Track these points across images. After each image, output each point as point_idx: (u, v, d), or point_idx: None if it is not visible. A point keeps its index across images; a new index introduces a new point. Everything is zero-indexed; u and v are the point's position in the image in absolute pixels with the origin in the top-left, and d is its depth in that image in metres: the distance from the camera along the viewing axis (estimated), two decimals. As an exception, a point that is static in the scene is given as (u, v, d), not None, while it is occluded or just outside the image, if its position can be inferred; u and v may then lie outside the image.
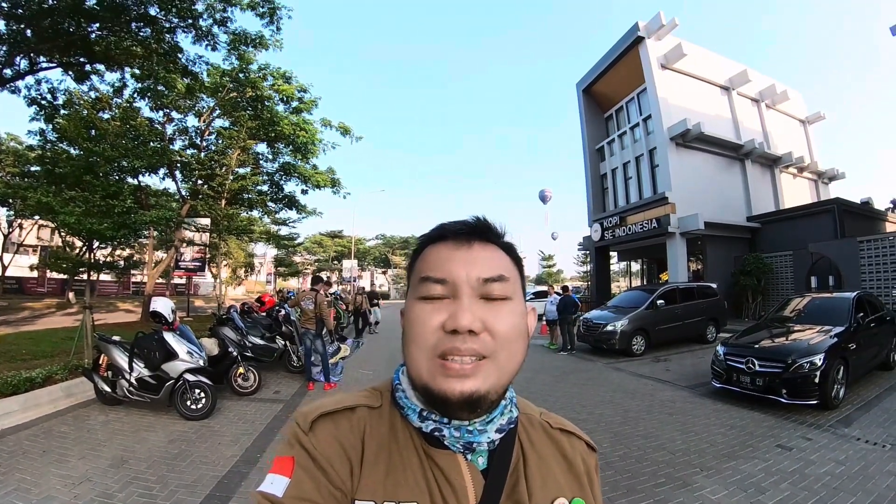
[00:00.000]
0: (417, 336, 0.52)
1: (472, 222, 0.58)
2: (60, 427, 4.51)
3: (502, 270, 0.55)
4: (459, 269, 0.53)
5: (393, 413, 0.58)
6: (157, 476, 3.35)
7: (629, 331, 9.30)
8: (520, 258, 0.62)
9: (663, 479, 3.34)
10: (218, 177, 13.78)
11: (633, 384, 6.77)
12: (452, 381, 0.50)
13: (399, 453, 0.54)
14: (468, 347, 0.50)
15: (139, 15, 9.99)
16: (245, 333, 6.49)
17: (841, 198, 16.88)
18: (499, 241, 0.59)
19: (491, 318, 0.52)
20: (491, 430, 0.55)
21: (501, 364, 0.52)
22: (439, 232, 0.58)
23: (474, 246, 0.56)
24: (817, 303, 7.11)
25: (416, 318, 0.53)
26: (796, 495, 3.10)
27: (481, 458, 0.56)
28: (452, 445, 0.54)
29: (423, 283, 0.54)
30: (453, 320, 0.50)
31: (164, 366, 4.66)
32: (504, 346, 0.52)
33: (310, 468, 0.50)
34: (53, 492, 3.11)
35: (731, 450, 3.95)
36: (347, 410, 0.56)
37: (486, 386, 0.51)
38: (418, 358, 0.52)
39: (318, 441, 0.52)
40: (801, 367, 5.09)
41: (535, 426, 0.64)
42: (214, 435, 4.30)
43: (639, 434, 4.38)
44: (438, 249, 0.57)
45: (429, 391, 0.51)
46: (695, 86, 18.39)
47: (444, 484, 0.52)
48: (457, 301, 0.52)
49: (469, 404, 0.50)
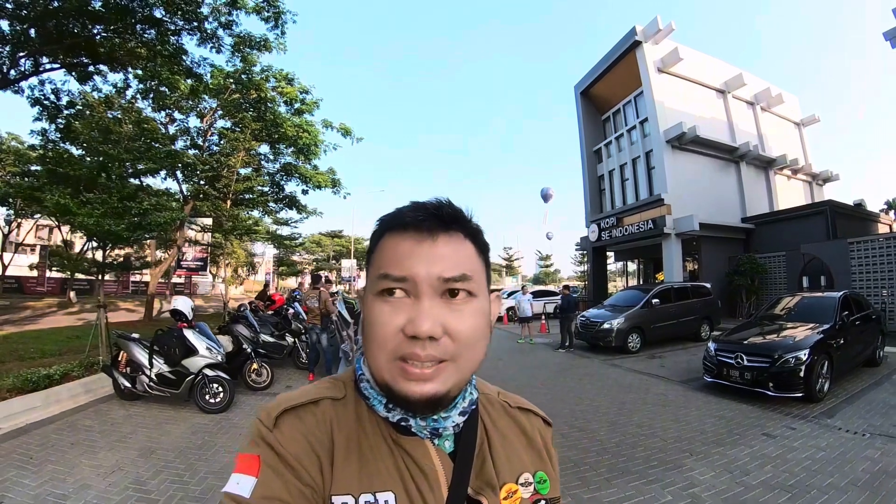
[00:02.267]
0: (377, 337, 0.51)
1: (436, 210, 0.54)
2: (84, 421, 4.72)
3: (466, 268, 0.53)
4: (420, 267, 0.51)
5: (358, 403, 0.57)
6: (186, 464, 3.59)
7: (625, 329, 9.59)
8: (486, 245, 0.60)
9: (656, 463, 3.61)
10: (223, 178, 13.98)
11: (629, 379, 7.05)
12: (412, 385, 0.49)
13: (369, 444, 0.54)
14: (428, 354, 0.49)
15: (144, 17, 10.10)
16: (258, 331, 6.76)
17: (833, 200, 17.21)
18: (465, 229, 0.56)
19: (452, 320, 0.51)
20: (454, 414, 0.57)
21: (462, 366, 0.52)
22: (400, 220, 0.55)
23: (438, 239, 0.53)
24: (805, 302, 7.37)
25: (375, 319, 0.52)
26: (777, 476, 3.36)
27: (448, 441, 0.57)
28: (419, 432, 0.55)
29: (382, 281, 0.52)
30: (413, 326, 0.49)
31: (184, 361, 4.89)
32: (465, 348, 0.52)
33: (276, 466, 0.49)
34: (88, 480, 3.30)
35: (720, 437, 4.23)
36: (311, 404, 0.55)
37: (446, 387, 0.51)
38: (379, 358, 0.51)
39: (284, 437, 0.51)
40: (787, 362, 5.37)
41: (496, 406, 0.66)
42: (234, 427, 4.54)
43: (633, 423, 4.65)
44: (398, 242, 0.54)
45: (390, 391, 0.51)
46: (691, 89, 18.68)
47: (415, 471, 0.53)
48: (417, 302, 0.51)
49: (430, 405, 0.51)
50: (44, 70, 10.82)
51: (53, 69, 10.95)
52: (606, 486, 3.25)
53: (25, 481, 3.27)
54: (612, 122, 21.97)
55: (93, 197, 5.94)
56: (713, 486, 3.21)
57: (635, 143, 19.51)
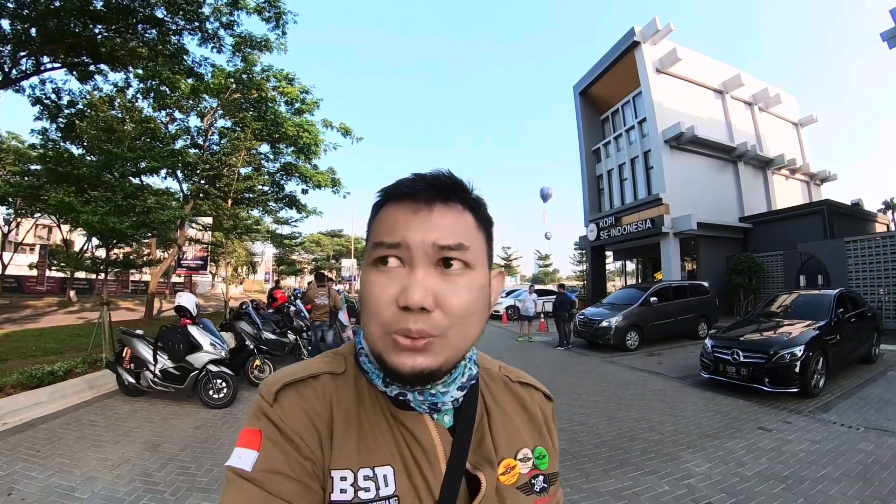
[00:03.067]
0: (371, 308, 0.52)
1: (434, 180, 0.54)
2: (89, 416, 4.78)
3: (463, 238, 0.52)
4: (415, 234, 0.51)
5: (358, 378, 0.57)
6: (192, 457, 3.65)
7: (623, 327, 9.68)
8: (488, 218, 0.58)
9: (653, 455, 3.69)
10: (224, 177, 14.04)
11: (627, 376, 7.13)
12: (403, 357, 0.49)
13: (368, 419, 0.54)
14: (419, 329, 0.49)
15: (146, 17, 10.15)
16: (261, 328, 6.83)
17: (830, 199, 17.31)
18: (464, 200, 0.55)
19: (446, 292, 0.50)
20: (453, 388, 0.56)
21: (454, 341, 0.51)
22: (397, 190, 0.54)
23: (435, 209, 0.52)
24: (801, 299, 7.46)
25: (370, 290, 0.52)
26: (773, 468, 3.44)
27: (447, 416, 0.57)
28: (418, 407, 0.55)
29: (377, 249, 0.52)
30: (405, 296, 0.49)
31: (188, 357, 4.95)
32: (457, 323, 0.51)
33: (278, 440, 0.50)
34: (94, 473, 3.35)
35: (716, 431, 4.31)
36: (311, 378, 0.55)
37: (437, 362, 0.50)
38: (374, 330, 0.52)
39: (284, 412, 0.51)
40: (783, 358, 5.46)
41: (496, 381, 0.66)
42: (238, 421, 4.60)
43: (631, 418, 4.73)
44: (395, 211, 0.53)
45: (383, 363, 0.52)
46: (689, 89, 18.79)
47: (414, 446, 0.53)
48: (411, 272, 0.50)
49: (421, 378, 0.51)
50: (45, 69, 10.89)
51: (54, 69, 11.02)
52: (604, 478, 3.31)
53: (33, 474, 3.32)
54: (610, 122, 22.08)
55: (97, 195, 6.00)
56: (709, 476, 3.29)
57: (634, 142, 19.61)
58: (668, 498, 2.96)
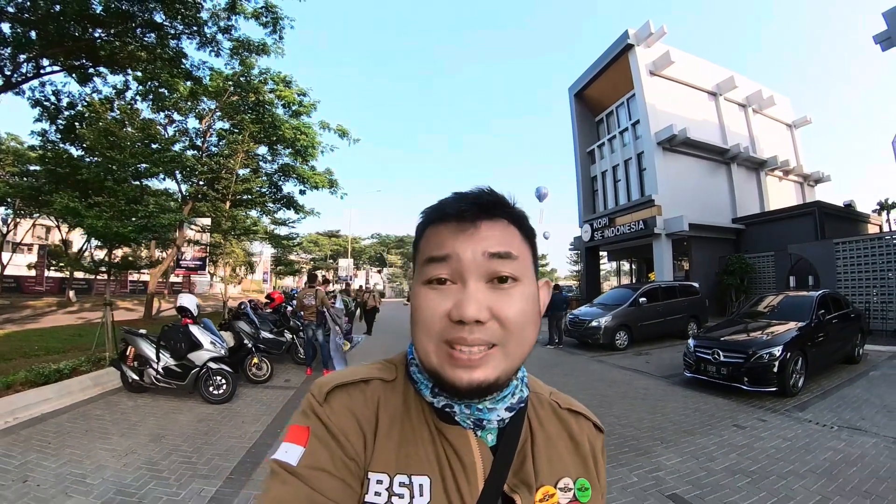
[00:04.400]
0: (424, 323, 0.52)
1: (478, 198, 0.55)
2: (95, 411, 4.99)
3: (511, 247, 0.53)
4: (465, 247, 0.52)
5: (406, 386, 0.58)
6: (193, 448, 3.87)
7: (613, 326, 9.89)
8: (532, 230, 0.59)
9: (627, 449, 3.91)
10: (223, 179, 14.23)
11: (613, 374, 7.36)
12: (460, 371, 0.50)
13: (411, 427, 0.54)
14: (475, 338, 0.49)
15: (145, 21, 10.31)
16: (259, 327, 7.06)
17: (822, 201, 17.58)
18: (509, 214, 0.56)
19: (499, 304, 0.51)
20: (501, 408, 0.56)
21: (510, 351, 0.52)
22: (441, 211, 0.55)
23: (481, 226, 0.53)
24: (785, 300, 7.63)
25: (421, 305, 0.53)
26: (741, 463, 3.62)
27: (491, 434, 0.56)
28: (463, 422, 0.55)
29: (428, 265, 0.53)
30: (459, 310, 0.49)
31: (189, 355, 5.18)
32: (513, 333, 0.51)
33: (325, 438, 0.51)
34: (103, 462, 3.57)
35: (692, 427, 4.52)
36: (362, 383, 0.56)
37: (495, 374, 0.50)
38: (426, 345, 0.52)
39: (333, 412, 0.53)
40: (761, 358, 5.63)
41: (545, 405, 0.65)
42: (237, 416, 4.83)
43: (612, 414, 4.96)
44: (442, 229, 0.54)
45: (438, 377, 0.52)
46: (683, 91, 19.04)
47: (454, 459, 0.53)
48: (463, 287, 0.51)
49: (479, 392, 0.51)
50: (45, 73, 11.03)
51: (54, 72, 11.15)
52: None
53: (45, 463, 3.53)
54: (605, 124, 22.32)
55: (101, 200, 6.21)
56: (677, 470, 3.50)
57: (627, 144, 19.86)
58: (636, 488, 3.18)
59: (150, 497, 2.99)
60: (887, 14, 12.67)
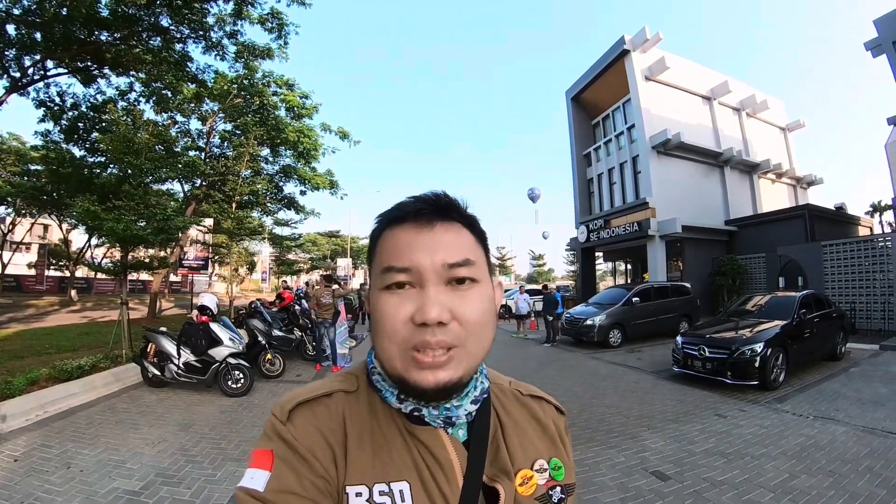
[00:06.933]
0: (387, 329, 0.52)
1: (433, 200, 0.56)
2: (120, 405, 5.32)
3: (468, 253, 0.55)
4: (423, 256, 0.52)
5: (371, 395, 0.58)
6: (221, 435, 4.22)
7: (606, 325, 10.27)
8: (483, 233, 0.61)
9: (616, 434, 4.31)
10: (229, 182, 14.51)
11: (606, 370, 7.77)
12: (426, 373, 0.50)
13: (382, 435, 0.54)
14: (438, 340, 0.50)
15: (151, 25, 10.53)
16: (272, 325, 7.41)
17: (811, 204, 18.01)
18: (462, 217, 0.58)
19: (459, 306, 0.52)
20: (466, 402, 0.57)
21: (472, 351, 0.53)
22: (398, 213, 0.57)
23: (436, 227, 0.54)
24: (770, 300, 8.00)
25: (383, 312, 0.53)
26: (719, 446, 4.00)
27: (461, 430, 0.57)
28: (433, 422, 0.55)
29: (387, 274, 0.53)
30: (421, 313, 0.50)
31: (210, 351, 5.53)
32: (473, 333, 0.53)
33: (290, 459, 0.50)
34: (139, 449, 3.90)
35: (676, 416, 4.92)
36: (324, 397, 0.56)
37: (458, 374, 0.52)
38: (390, 350, 0.52)
39: (298, 431, 0.52)
40: (744, 354, 6.01)
41: (507, 395, 0.66)
42: (256, 407, 5.19)
43: (603, 405, 5.36)
44: (398, 234, 0.55)
45: (404, 382, 0.52)
46: (677, 96, 19.39)
47: (430, 460, 0.54)
48: (423, 291, 0.52)
49: (445, 392, 0.52)
50: (50, 75, 11.23)
51: (59, 74, 11.36)
52: (573, 451, 3.90)
53: (84, 451, 3.85)
54: (601, 127, 22.67)
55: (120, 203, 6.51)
56: (660, 451, 3.89)
57: (623, 148, 20.22)
58: (623, 466, 3.57)
59: (188, 478, 3.32)
60: (878, 21, 13.13)
